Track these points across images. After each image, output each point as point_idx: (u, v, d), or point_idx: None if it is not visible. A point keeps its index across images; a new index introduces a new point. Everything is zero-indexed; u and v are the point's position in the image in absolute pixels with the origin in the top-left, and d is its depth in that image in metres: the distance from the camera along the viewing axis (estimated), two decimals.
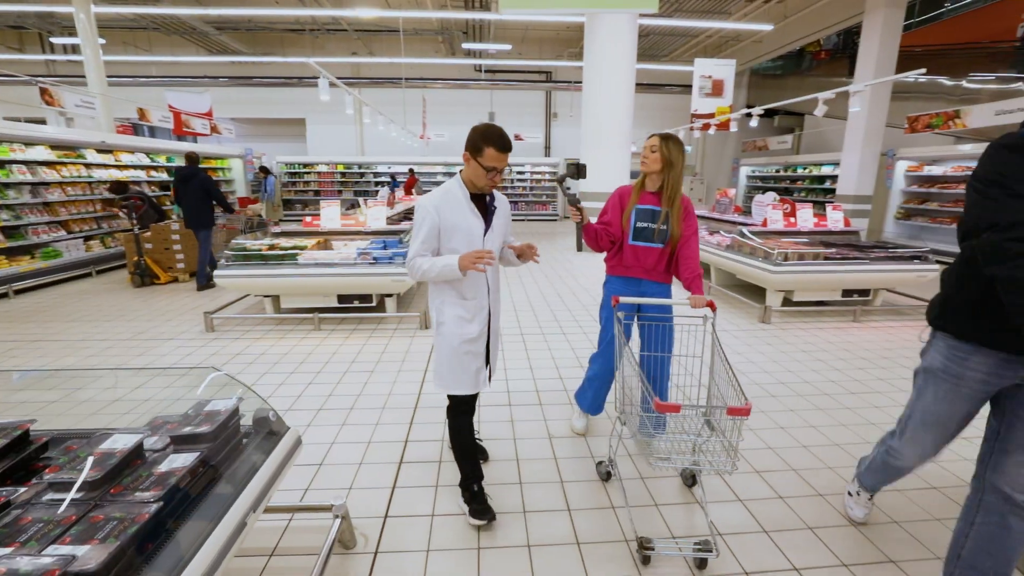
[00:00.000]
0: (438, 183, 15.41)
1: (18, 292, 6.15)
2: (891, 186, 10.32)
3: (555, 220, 16.03)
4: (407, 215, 7.67)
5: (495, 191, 2.05)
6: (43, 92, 6.80)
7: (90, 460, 1.19)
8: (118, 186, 6.74)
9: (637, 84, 14.68)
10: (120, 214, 6.39)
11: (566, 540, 1.99)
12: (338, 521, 1.86)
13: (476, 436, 2.37)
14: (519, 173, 16.35)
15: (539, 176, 16.35)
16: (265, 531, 2.02)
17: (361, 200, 6.22)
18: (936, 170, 9.57)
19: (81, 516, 1.07)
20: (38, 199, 6.84)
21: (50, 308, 5.54)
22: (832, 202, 8.66)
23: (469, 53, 15.23)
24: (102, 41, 9.43)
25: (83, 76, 8.94)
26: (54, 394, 2.21)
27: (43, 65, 15.10)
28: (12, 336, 4.58)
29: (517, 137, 15.61)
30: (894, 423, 1.85)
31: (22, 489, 1.16)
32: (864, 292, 5.50)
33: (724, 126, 10.41)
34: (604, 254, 2.58)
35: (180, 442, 1.36)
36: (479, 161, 1.87)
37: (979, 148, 8.59)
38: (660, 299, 2.21)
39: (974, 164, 1.39)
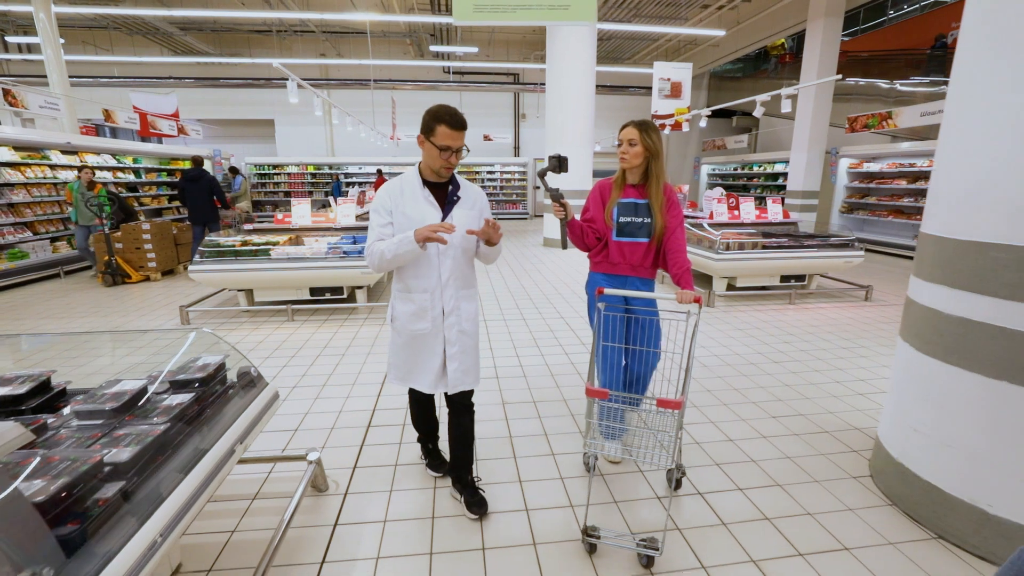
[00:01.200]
0: None
1: None
2: (835, 182, 11.06)
3: (525, 218, 16.44)
4: None
5: (467, 184, 2.00)
6: (6, 93, 6.80)
7: (106, 395, 1.48)
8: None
9: (601, 86, 15.24)
10: (92, 210, 6.46)
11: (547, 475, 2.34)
12: (312, 467, 2.17)
13: (476, 481, 2.20)
14: (489, 173, 16.69)
15: (509, 176, 16.73)
16: (249, 480, 2.31)
17: (331, 199, 6.45)
18: (874, 167, 10.31)
19: (106, 433, 1.36)
20: (2, 200, 6.84)
21: (21, 307, 5.61)
22: (774, 196, 9.27)
23: (437, 55, 15.48)
24: (61, 41, 9.36)
25: (40, 76, 8.88)
26: (57, 362, 2.44)
27: (1, 64, 14.71)
28: None
29: (486, 138, 15.96)
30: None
31: (52, 418, 1.44)
32: (800, 277, 6.03)
33: (677, 126, 10.94)
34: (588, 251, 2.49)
35: (178, 386, 1.66)
36: (432, 141, 1.80)
37: (916, 147, 9.33)
38: (643, 292, 2.08)
39: (909, 161, 1.69)
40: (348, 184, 15.28)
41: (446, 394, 2.05)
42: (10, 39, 11.82)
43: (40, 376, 1.49)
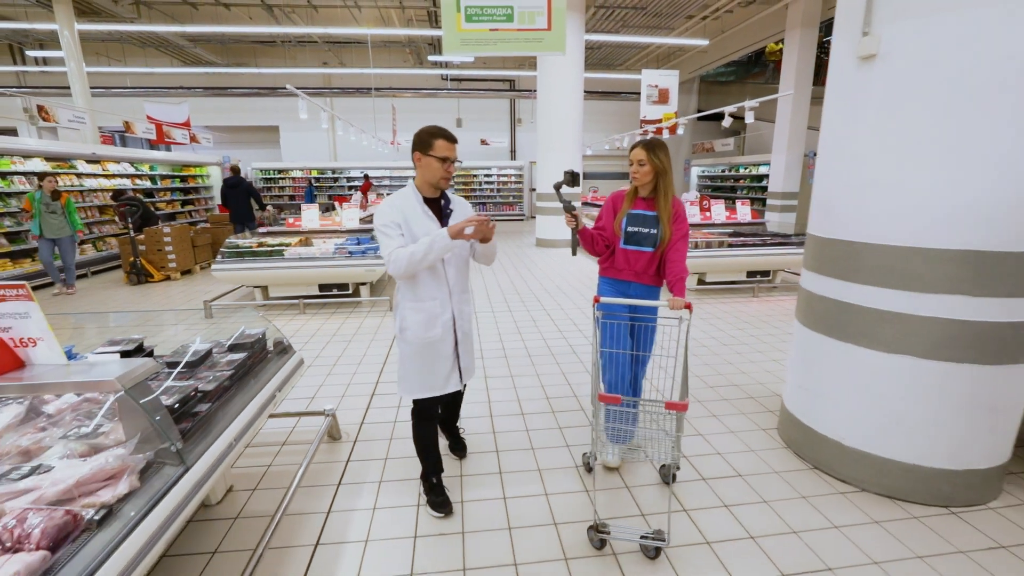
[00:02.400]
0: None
1: None
2: (813, 183, 11.62)
3: (522, 220, 17.04)
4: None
5: (456, 197, 2.17)
6: (40, 109, 7.43)
7: (187, 353, 2.08)
8: (117, 192, 7.44)
9: (594, 92, 15.85)
10: (116, 218, 7.09)
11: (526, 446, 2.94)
12: (328, 419, 2.77)
13: (460, 432, 2.72)
14: (487, 176, 17.31)
15: (505, 178, 17.34)
16: (280, 431, 2.91)
17: (336, 203, 7.06)
18: None
19: (192, 375, 1.96)
20: None
21: (56, 304, 6.22)
22: (744, 199, 9.84)
23: (436, 64, 16.09)
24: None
25: (57, 87, 9.51)
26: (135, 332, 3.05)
27: (14, 76, 15.37)
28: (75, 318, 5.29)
29: (483, 142, 16.58)
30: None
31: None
32: (765, 273, 6.62)
33: (661, 132, 11.52)
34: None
35: (233, 349, 2.26)
36: (432, 155, 1.94)
37: None
38: (644, 300, 2.16)
39: None
40: (313, 187, 16.08)
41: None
42: (29, 53, 12.44)
43: (137, 340, 2.09)
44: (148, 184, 10.43)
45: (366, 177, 14.69)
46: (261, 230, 6.53)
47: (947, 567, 1.91)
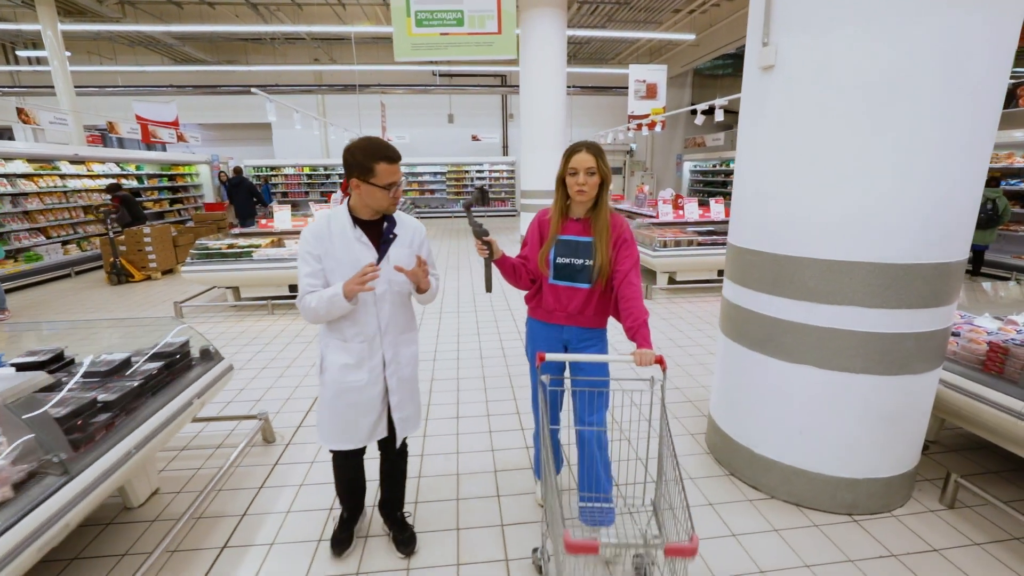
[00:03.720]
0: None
1: (7, 292, 6.90)
2: None
3: (514, 216, 17.04)
4: None
5: (405, 218, 1.86)
6: (20, 112, 7.51)
7: (100, 362, 2.15)
8: (112, 187, 7.62)
9: (583, 87, 15.78)
10: (99, 215, 7.24)
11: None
12: (260, 423, 2.84)
13: (405, 517, 2.15)
14: (478, 172, 17.31)
15: (497, 174, 17.35)
16: (217, 435, 2.98)
17: (311, 204, 7.12)
18: None
19: (100, 385, 2.03)
20: (18, 208, 7.57)
21: (38, 304, 6.33)
22: (718, 197, 9.81)
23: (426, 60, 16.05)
24: (68, 54, 10.08)
25: (50, 86, 9.58)
26: (67, 343, 3.13)
27: (8, 76, 15.47)
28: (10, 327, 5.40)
29: (475, 138, 16.58)
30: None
31: (64, 376, 2.11)
32: None
33: (653, 126, 11.49)
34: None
35: (153, 358, 2.32)
36: (373, 183, 1.65)
37: None
38: (595, 356, 1.75)
39: None
40: (269, 185, 15.99)
41: (383, 442, 1.96)
42: (21, 53, 12.52)
43: (55, 350, 2.15)
44: (135, 184, 10.52)
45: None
46: (234, 231, 6.61)
47: (831, 574, 1.96)
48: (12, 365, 2.00)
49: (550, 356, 1.70)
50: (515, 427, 3.09)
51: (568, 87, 14.57)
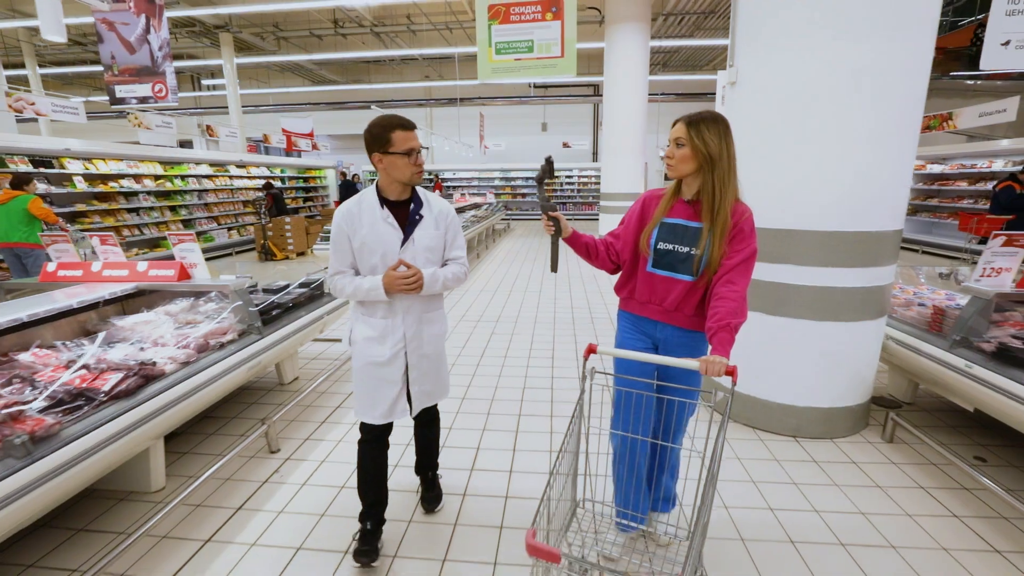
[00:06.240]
0: (496, 186, 17.62)
1: None
2: None
3: (596, 219, 17.69)
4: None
5: (433, 199, 1.89)
6: (208, 128, 9.88)
7: (273, 285, 3.41)
8: (268, 184, 9.72)
9: (676, 94, 16.00)
10: (256, 207, 9.27)
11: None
12: None
13: (438, 479, 2.27)
14: (568, 177, 18.21)
15: (586, 179, 18.12)
16: (332, 356, 4.20)
17: None
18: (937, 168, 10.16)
19: (277, 296, 3.27)
20: (201, 201, 9.90)
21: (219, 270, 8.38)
22: None
23: None
24: (237, 81, 12.72)
25: (221, 107, 12.14)
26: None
27: (192, 100, 19.37)
28: None
29: (565, 145, 17.51)
30: None
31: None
32: None
33: None
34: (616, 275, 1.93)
35: (301, 285, 3.55)
36: (393, 152, 1.69)
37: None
38: (645, 355, 1.54)
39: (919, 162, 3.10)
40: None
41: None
42: (205, 81, 15.78)
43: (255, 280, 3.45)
44: (279, 184, 12.90)
45: (436, 178, 16.49)
46: None
47: (757, 467, 2.58)
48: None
49: (601, 350, 1.54)
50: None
51: (657, 94, 15.04)
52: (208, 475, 2.35)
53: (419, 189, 1.87)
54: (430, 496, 2.20)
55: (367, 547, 1.89)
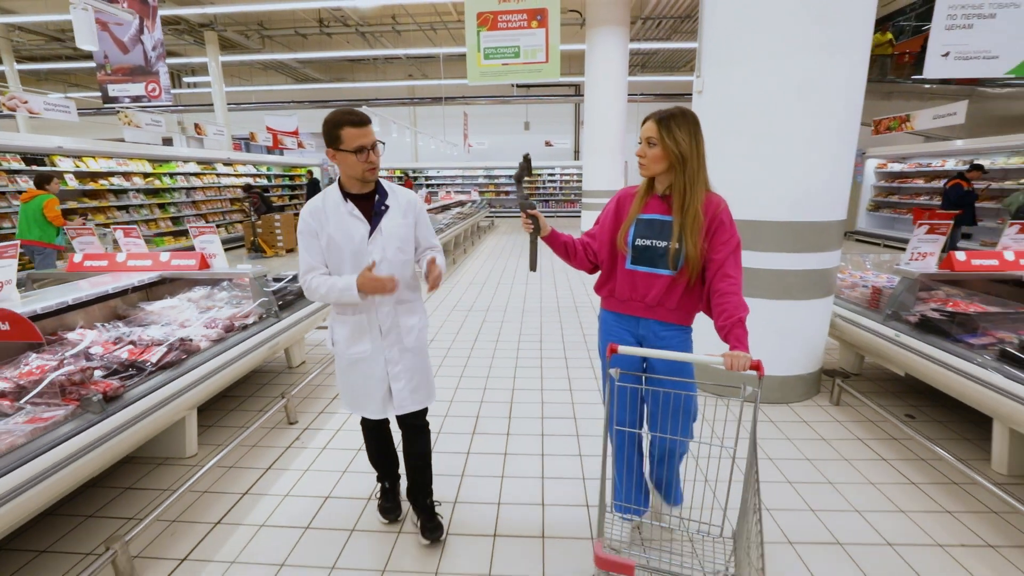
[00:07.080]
0: (480, 184, 17.90)
1: None
2: (861, 181, 11.62)
3: (579, 217, 18.13)
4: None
5: (397, 189, 1.86)
6: (196, 127, 9.96)
7: (280, 274, 3.68)
8: (247, 186, 9.80)
9: (655, 95, 16.49)
10: (244, 206, 9.38)
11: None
12: None
13: (435, 506, 2.11)
14: (550, 175, 18.61)
15: (568, 177, 18.55)
16: None
17: None
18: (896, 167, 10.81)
19: (283, 283, 3.55)
20: (189, 199, 9.99)
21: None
22: None
23: None
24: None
25: (201, 105, 12.17)
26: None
27: (173, 97, 19.18)
28: None
29: (547, 143, 17.88)
30: None
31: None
32: None
33: None
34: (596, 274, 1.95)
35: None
36: (343, 149, 1.67)
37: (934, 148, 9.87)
38: (676, 353, 1.53)
39: (926, 161, 3.46)
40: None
41: (397, 416, 1.93)
42: (187, 79, 15.71)
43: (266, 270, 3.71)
44: (265, 182, 12.99)
45: (405, 175, 16.79)
46: None
47: (720, 426, 2.97)
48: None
49: (623, 349, 1.52)
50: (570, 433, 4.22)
51: (636, 95, 15.48)
52: (236, 443, 2.62)
53: (383, 181, 1.84)
54: (431, 525, 2.01)
55: (389, 504, 2.14)
